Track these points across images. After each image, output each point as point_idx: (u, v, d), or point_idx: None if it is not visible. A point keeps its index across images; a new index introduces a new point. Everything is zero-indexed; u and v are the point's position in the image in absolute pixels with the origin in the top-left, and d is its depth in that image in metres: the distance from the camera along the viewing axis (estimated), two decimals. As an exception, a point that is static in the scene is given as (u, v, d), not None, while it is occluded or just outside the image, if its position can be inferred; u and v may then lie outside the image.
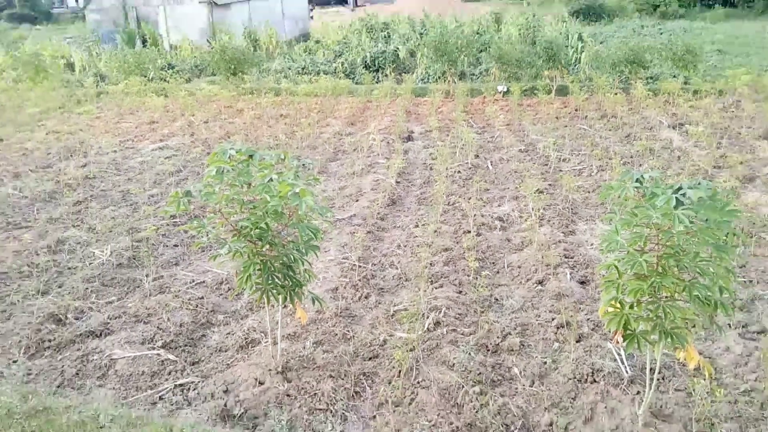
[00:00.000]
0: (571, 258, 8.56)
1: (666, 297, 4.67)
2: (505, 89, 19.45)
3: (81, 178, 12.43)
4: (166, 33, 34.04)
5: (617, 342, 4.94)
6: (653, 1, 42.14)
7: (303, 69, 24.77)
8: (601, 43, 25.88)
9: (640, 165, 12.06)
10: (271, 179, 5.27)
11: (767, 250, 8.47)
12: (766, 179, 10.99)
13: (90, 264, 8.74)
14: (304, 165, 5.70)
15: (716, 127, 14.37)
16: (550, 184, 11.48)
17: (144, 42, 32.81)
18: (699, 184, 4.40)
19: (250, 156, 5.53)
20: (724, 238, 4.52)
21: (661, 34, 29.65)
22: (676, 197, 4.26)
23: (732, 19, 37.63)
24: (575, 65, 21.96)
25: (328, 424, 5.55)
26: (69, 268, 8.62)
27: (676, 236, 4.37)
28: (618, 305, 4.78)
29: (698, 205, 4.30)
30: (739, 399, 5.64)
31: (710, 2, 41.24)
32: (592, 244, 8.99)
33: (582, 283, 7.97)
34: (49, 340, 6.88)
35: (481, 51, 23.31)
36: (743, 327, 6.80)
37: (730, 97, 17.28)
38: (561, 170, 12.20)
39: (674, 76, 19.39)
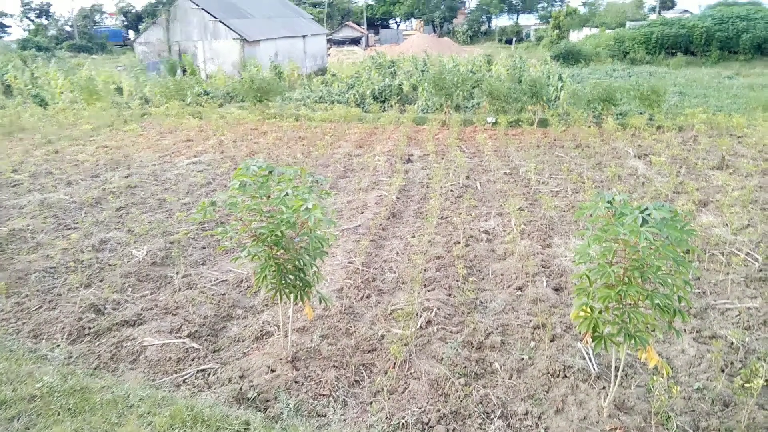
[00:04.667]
0: (548, 268, 8.45)
1: (630, 304, 4.58)
2: (494, 120, 19.40)
3: (124, 187, 12.39)
4: (203, 64, 34.22)
5: (587, 342, 4.85)
6: (624, 48, 42.23)
7: (320, 98, 24.80)
8: (578, 83, 25.86)
9: (610, 189, 11.96)
10: (287, 194, 5.21)
11: (719, 265, 8.36)
12: (719, 204, 10.88)
13: (128, 262, 8.67)
14: (317, 181, 5.64)
15: (676, 158, 14.28)
16: (530, 203, 11.38)
17: (184, 71, 32.94)
18: (662, 205, 4.32)
19: (270, 171, 5.47)
20: (683, 253, 4.44)
21: (630, 76, 29.61)
22: (642, 217, 4.19)
23: (691, 66, 37.63)
24: (555, 101, 21.91)
25: (330, 408, 5.44)
26: (109, 265, 8.54)
27: (642, 251, 4.29)
28: (588, 310, 4.70)
29: (661, 224, 4.22)
30: (692, 396, 5.51)
31: (673, 51, 41.25)
32: (566, 257, 8.88)
33: (556, 290, 7.86)
34: (89, 328, 6.79)
35: (474, 87, 23.28)
36: (697, 332, 6.68)
37: (689, 133, 17.19)
38: (540, 191, 12.11)
39: (641, 113, 19.32)
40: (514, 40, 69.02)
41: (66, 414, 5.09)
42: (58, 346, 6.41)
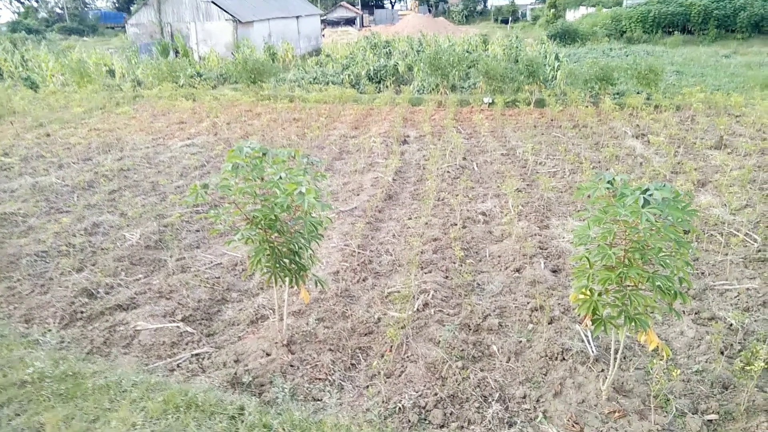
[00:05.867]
0: (545, 249, 8.38)
1: (631, 286, 4.50)
2: (491, 101, 19.21)
3: (117, 170, 12.22)
4: (196, 46, 33.78)
5: (586, 325, 4.77)
6: (620, 27, 41.85)
7: (314, 79, 24.51)
8: (575, 62, 25.61)
9: (608, 169, 11.85)
10: (281, 176, 5.08)
11: (717, 246, 8.29)
12: (717, 184, 10.80)
13: (121, 245, 8.55)
14: (312, 162, 5.50)
15: (674, 138, 14.16)
16: (527, 184, 11.28)
17: (176, 53, 32.51)
18: (663, 186, 4.22)
19: (264, 153, 5.34)
20: (684, 234, 4.35)
21: (627, 56, 29.34)
22: (643, 197, 4.09)
23: (688, 44, 37.31)
24: (552, 81, 21.71)
25: (326, 392, 5.37)
26: (102, 249, 8.43)
27: (643, 232, 4.19)
28: (588, 293, 4.61)
29: (662, 205, 4.12)
30: (691, 378, 5.47)
31: (670, 29, 40.89)
32: (563, 238, 8.81)
33: (554, 271, 7.79)
34: (82, 312, 6.70)
35: (470, 67, 23.03)
36: (696, 314, 6.62)
37: (686, 112, 17.06)
38: (537, 172, 12.00)
39: (638, 93, 19.16)
40: (510, 19, 68.35)
41: (57, 400, 5.01)
42: (50, 330, 6.31)
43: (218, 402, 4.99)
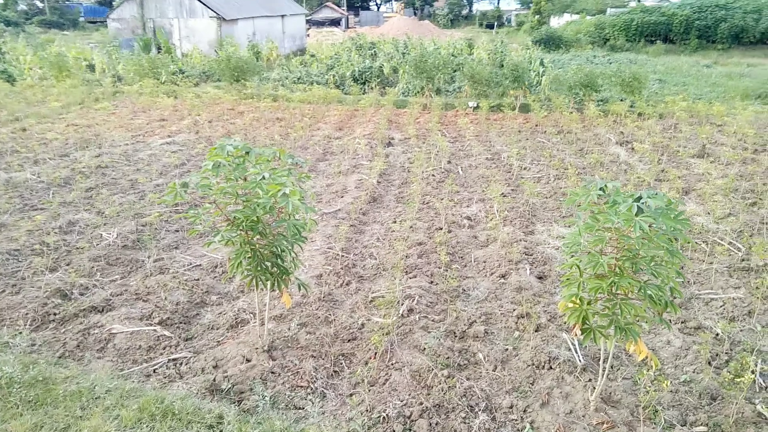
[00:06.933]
0: (531, 255, 8.30)
1: (621, 295, 4.41)
2: (476, 105, 19.18)
3: (94, 167, 11.93)
4: (179, 42, 33.35)
5: (575, 334, 4.68)
6: (604, 35, 42.24)
7: (298, 79, 24.30)
8: (559, 68, 25.72)
9: (592, 175, 11.85)
10: (264, 177, 4.92)
11: (702, 254, 8.29)
12: (701, 192, 10.84)
13: (97, 245, 8.30)
14: (296, 163, 5.34)
15: (657, 145, 14.23)
16: (512, 189, 11.22)
17: (158, 49, 32.06)
18: (656, 194, 4.14)
19: (247, 152, 5.16)
20: (675, 243, 4.28)
21: (610, 63, 29.57)
22: (637, 205, 4.00)
23: (670, 53, 37.77)
24: (537, 86, 21.74)
25: (308, 401, 5.21)
26: (77, 248, 8.16)
27: (636, 241, 4.11)
28: (578, 301, 4.52)
29: (656, 213, 4.04)
30: (679, 389, 5.40)
31: (652, 38, 41.38)
32: (549, 244, 8.74)
33: (540, 278, 7.71)
34: (54, 314, 6.45)
35: (455, 71, 23.00)
36: (682, 323, 6.58)
37: (669, 120, 17.17)
38: (522, 177, 11.95)
39: (622, 100, 19.26)
40: (495, 24, 68.70)
41: (26, 407, 4.78)
42: (21, 333, 6.06)
43: (196, 410, 4.81)
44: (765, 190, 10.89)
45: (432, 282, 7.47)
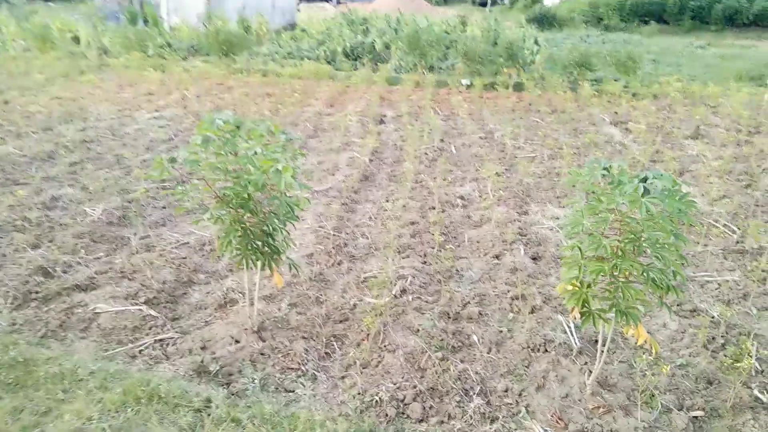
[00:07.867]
0: (525, 236, 8.18)
1: (623, 278, 4.29)
2: (469, 83, 18.91)
3: (79, 141, 11.61)
4: (167, 15, 32.58)
5: (574, 318, 4.57)
6: (598, 14, 41.84)
7: (289, 54, 23.82)
8: (553, 47, 25.42)
9: (587, 156, 11.71)
10: (256, 152, 4.72)
11: (698, 237, 8.20)
12: (695, 174, 10.75)
13: (81, 221, 8.06)
14: (290, 139, 5.13)
15: (651, 126, 14.09)
16: (506, 169, 11.05)
17: (146, 22, 31.33)
18: (662, 174, 4.00)
19: (238, 126, 4.94)
20: (680, 226, 4.15)
21: (604, 43, 29.28)
22: (643, 186, 3.85)
23: (664, 34, 37.48)
24: (531, 65, 21.42)
25: (298, 383, 5.07)
26: (61, 224, 7.93)
27: (641, 223, 3.97)
28: (578, 284, 4.39)
29: (662, 194, 3.90)
30: (676, 372, 5.32)
31: (646, 18, 41.01)
32: (543, 224, 8.61)
33: (534, 259, 7.60)
34: (36, 292, 6.25)
35: (448, 48, 22.62)
36: (678, 306, 6.50)
37: (664, 101, 17.03)
38: (516, 157, 11.78)
39: (616, 80, 19.06)
40: (488, 2, 67.88)
41: (5, 390, 4.61)
42: (1, 312, 5.86)
43: (183, 393, 4.66)
44: (759, 173, 10.82)
45: (425, 262, 7.33)
